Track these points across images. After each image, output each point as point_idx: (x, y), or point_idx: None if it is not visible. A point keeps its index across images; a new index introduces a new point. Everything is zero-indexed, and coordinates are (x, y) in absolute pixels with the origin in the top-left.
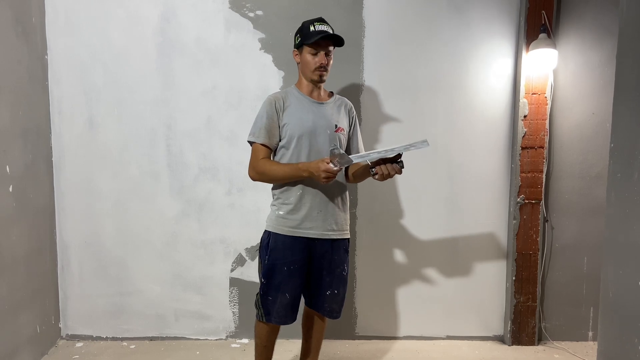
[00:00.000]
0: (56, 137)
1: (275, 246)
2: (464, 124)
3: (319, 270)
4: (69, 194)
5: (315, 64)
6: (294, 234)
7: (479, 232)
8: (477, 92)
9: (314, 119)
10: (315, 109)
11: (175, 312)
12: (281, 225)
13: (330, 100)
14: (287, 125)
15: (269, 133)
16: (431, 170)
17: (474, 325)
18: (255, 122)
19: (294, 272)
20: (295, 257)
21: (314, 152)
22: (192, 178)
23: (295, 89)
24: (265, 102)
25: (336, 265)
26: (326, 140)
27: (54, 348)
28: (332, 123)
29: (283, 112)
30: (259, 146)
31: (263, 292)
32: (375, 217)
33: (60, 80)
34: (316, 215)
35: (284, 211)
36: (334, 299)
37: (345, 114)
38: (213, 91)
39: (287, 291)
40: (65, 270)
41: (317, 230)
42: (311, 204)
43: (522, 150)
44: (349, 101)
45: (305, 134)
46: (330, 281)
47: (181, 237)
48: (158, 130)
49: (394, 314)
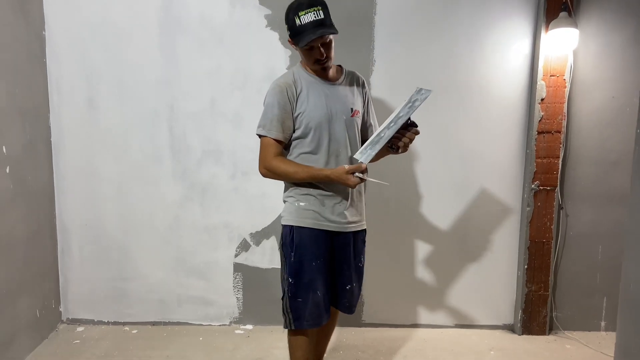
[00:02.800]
0: (55, 117)
1: (300, 241)
2: (478, 107)
3: (340, 264)
4: (69, 176)
5: (313, 59)
6: (319, 226)
7: (491, 219)
8: (492, 73)
9: (329, 104)
10: (328, 92)
11: (178, 297)
12: (304, 218)
13: (341, 78)
14: (303, 114)
15: (282, 125)
16: (442, 155)
17: (484, 313)
18: (265, 112)
19: (322, 267)
20: (320, 250)
21: (334, 142)
22: (196, 161)
23: (302, 69)
24: (275, 90)
25: (355, 256)
26: (342, 127)
27: (54, 332)
28: (348, 107)
29: (297, 100)
30: (270, 141)
31: (292, 294)
32: (384, 203)
33: (59, 59)
34: (339, 207)
35: (305, 202)
36: (352, 294)
37: (359, 92)
38: (217, 71)
39: (318, 288)
40: (65, 253)
41: (340, 224)
42: (333, 195)
43: (538, 134)
44: (360, 75)
45: (322, 122)
46: (350, 275)
47: (184, 221)
48: (160, 112)
49: (402, 301)
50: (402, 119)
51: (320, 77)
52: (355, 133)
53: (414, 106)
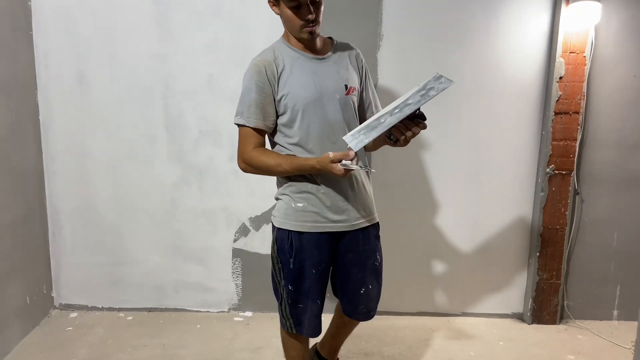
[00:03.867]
0: (43, 94)
1: (300, 246)
2: (492, 85)
3: (347, 267)
4: (58, 156)
5: (299, 21)
6: (319, 229)
7: (502, 204)
8: (508, 49)
9: (319, 82)
10: (316, 68)
11: (175, 283)
12: (304, 221)
13: (332, 52)
14: (287, 96)
15: (263, 111)
16: (452, 136)
17: (492, 302)
18: (242, 98)
19: (323, 273)
20: (322, 255)
21: (327, 127)
22: (193, 142)
23: (284, 44)
24: (252, 70)
25: (367, 256)
26: (337, 108)
27: (46, 318)
28: (341, 83)
29: (278, 80)
30: (249, 131)
31: (292, 301)
32: (390, 187)
33: (46, 31)
34: (342, 205)
35: (303, 203)
36: (369, 297)
37: (353, 66)
38: (215, 46)
39: (317, 297)
40: (57, 237)
41: (346, 223)
42: (334, 191)
43: (555, 115)
44: (353, 46)
45: (310, 104)
46: (363, 277)
47: (181, 205)
48: (155, 89)
49: (407, 289)
50: (411, 107)
51: (306, 51)
52: (353, 114)
53: (427, 95)
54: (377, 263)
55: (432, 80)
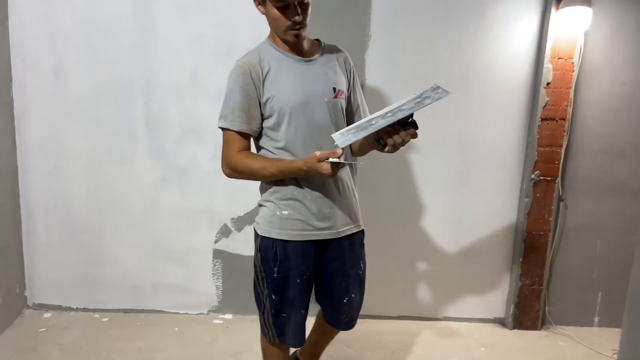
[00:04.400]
0: (18, 87)
1: (285, 255)
2: (480, 88)
3: (331, 275)
4: (34, 152)
5: (286, 23)
6: (305, 237)
7: (487, 209)
8: (497, 52)
9: (306, 84)
10: (303, 70)
11: (153, 284)
12: (289, 229)
13: (319, 54)
14: (273, 99)
15: (247, 115)
16: (440, 140)
17: (475, 306)
18: (226, 100)
19: (307, 282)
20: (307, 264)
21: (315, 131)
22: (174, 140)
23: (270, 45)
24: (236, 72)
25: (351, 264)
26: (325, 111)
27: (19, 318)
28: (329, 86)
29: (263, 83)
30: (233, 135)
31: (275, 310)
32: (374, 189)
33: (22, 22)
34: (329, 211)
35: (288, 210)
36: (352, 307)
37: (341, 68)
38: (199, 41)
39: (302, 307)
40: (31, 236)
41: (332, 230)
42: (320, 197)
43: (542, 121)
44: (341, 48)
45: (297, 107)
46: (347, 286)
47: (161, 204)
48: (135, 83)
49: (390, 291)
50: (404, 112)
51: (293, 52)
52: (341, 117)
53: (422, 103)
54: (360, 272)
55: (429, 90)
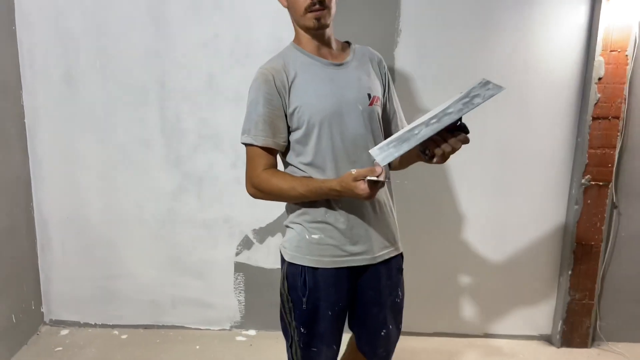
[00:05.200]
0: (29, 94)
1: (315, 284)
2: (522, 86)
3: (367, 305)
4: (46, 162)
5: (305, 3)
6: (338, 264)
7: (531, 218)
8: (540, 47)
9: (338, 91)
10: (334, 75)
11: (172, 298)
12: (321, 256)
13: (350, 57)
14: (300, 108)
15: (272, 128)
16: (478, 142)
17: (518, 322)
18: (248, 113)
19: (339, 314)
20: (340, 294)
21: (348, 143)
22: (191, 147)
23: (295, 49)
24: (258, 81)
25: (388, 293)
26: (359, 121)
27: (35, 336)
28: (363, 92)
29: (289, 91)
30: (257, 150)
31: (304, 344)
32: (407, 197)
33: (30, 26)
34: (364, 234)
35: (318, 234)
36: (389, 340)
37: (375, 73)
38: (215, 42)
39: (333, 342)
40: (45, 250)
41: (367, 255)
42: (355, 219)
43: (593, 120)
44: (374, 51)
45: (328, 117)
46: (385, 317)
47: (178, 215)
48: (150, 89)
49: (425, 306)
50: (451, 117)
51: (321, 55)
52: (378, 127)
53: (471, 103)
54: (398, 300)
55: (477, 86)
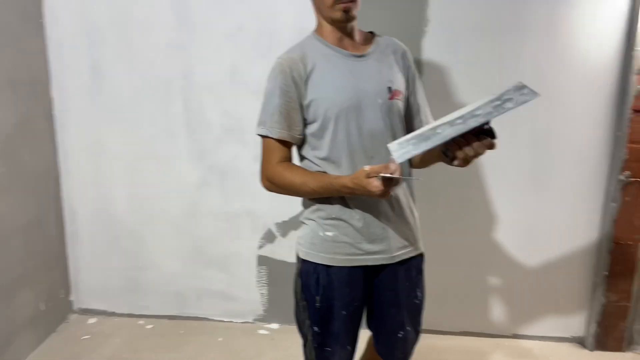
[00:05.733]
0: (57, 87)
1: (329, 283)
2: (556, 77)
3: (384, 305)
4: (74, 154)
5: None
6: (352, 263)
7: (565, 215)
8: (576, 34)
9: (356, 84)
10: (354, 67)
11: (196, 290)
12: (334, 254)
13: (372, 48)
14: (316, 101)
15: (288, 120)
16: (509, 135)
17: (549, 323)
18: (265, 104)
19: (354, 314)
20: (354, 293)
21: (366, 138)
22: (214, 140)
23: (316, 39)
24: (275, 71)
25: (407, 294)
26: (378, 115)
27: (64, 324)
28: (384, 85)
29: (306, 83)
30: (272, 143)
31: (318, 344)
32: (434, 191)
33: (58, 19)
34: (381, 232)
35: (333, 232)
36: (406, 342)
37: (398, 65)
38: (239, 33)
39: (348, 342)
40: (74, 240)
41: (384, 254)
42: (371, 217)
43: (634, 113)
44: (399, 42)
45: (345, 110)
46: (402, 319)
47: (202, 207)
48: (173, 81)
49: (451, 304)
50: (477, 120)
51: (342, 46)
52: (398, 122)
53: (502, 107)
54: (417, 301)
55: (511, 89)
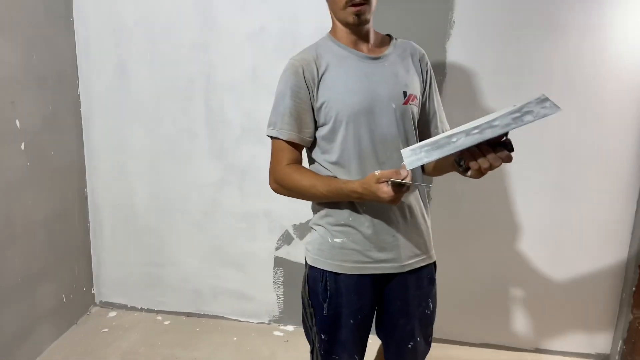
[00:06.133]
0: (84, 84)
1: (336, 290)
2: (587, 82)
3: (394, 315)
4: (100, 150)
5: None
6: (361, 271)
7: (592, 227)
8: (609, 38)
9: (369, 87)
10: (368, 69)
11: (213, 288)
12: (342, 261)
13: (389, 50)
14: (327, 104)
15: (298, 122)
16: (535, 144)
17: (573, 339)
18: (275, 104)
19: (362, 322)
20: (362, 301)
21: (378, 143)
22: (234, 139)
23: (330, 40)
24: (287, 72)
25: (417, 303)
26: (392, 119)
27: (85, 317)
28: (399, 89)
29: (318, 85)
30: (282, 144)
31: (325, 352)
32: (455, 200)
33: (86, 18)
34: (391, 240)
35: (341, 238)
36: (416, 353)
37: (415, 69)
38: (260, 34)
39: (355, 351)
40: (97, 234)
41: (394, 262)
42: (381, 224)
43: None
44: (417, 45)
45: (357, 114)
46: (412, 329)
47: (220, 206)
48: (196, 81)
49: (470, 314)
50: (494, 131)
51: (358, 48)
52: (412, 128)
53: (521, 119)
54: (428, 311)
55: (533, 102)
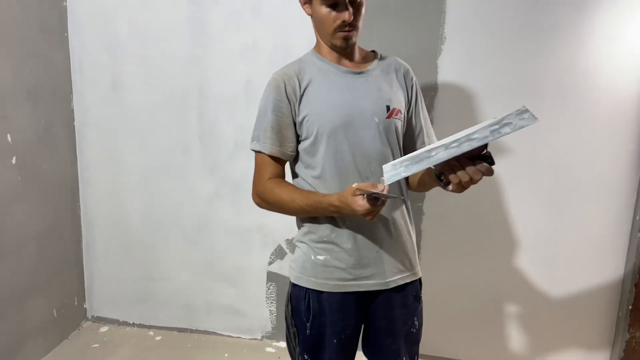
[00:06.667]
0: (78, 98)
1: (319, 309)
2: (580, 99)
3: (379, 335)
4: (93, 164)
5: (334, 22)
6: (344, 289)
7: (588, 244)
8: (602, 54)
9: (352, 101)
10: (351, 84)
11: (206, 304)
12: (325, 279)
13: (373, 66)
14: (309, 118)
15: (279, 135)
16: (528, 159)
17: (569, 357)
18: (258, 119)
19: (347, 342)
20: (347, 321)
21: (360, 157)
22: (227, 154)
23: (314, 55)
24: (270, 86)
25: (403, 322)
26: (374, 134)
27: (76, 331)
28: (382, 104)
29: (300, 99)
30: (264, 158)
31: None
32: (447, 214)
33: (80, 32)
34: (375, 257)
35: (324, 256)
36: None
37: (399, 84)
38: (253, 49)
39: None
40: (90, 247)
41: (378, 279)
42: (364, 239)
43: None
44: (402, 61)
45: (338, 128)
46: (398, 348)
47: (213, 221)
48: (189, 94)
49: (465, 332)
50: (471, 144)
51: (339, 64)
52: (396, 142)
53: (498, 132)
54: (414, 330)
55: (513, 114)
